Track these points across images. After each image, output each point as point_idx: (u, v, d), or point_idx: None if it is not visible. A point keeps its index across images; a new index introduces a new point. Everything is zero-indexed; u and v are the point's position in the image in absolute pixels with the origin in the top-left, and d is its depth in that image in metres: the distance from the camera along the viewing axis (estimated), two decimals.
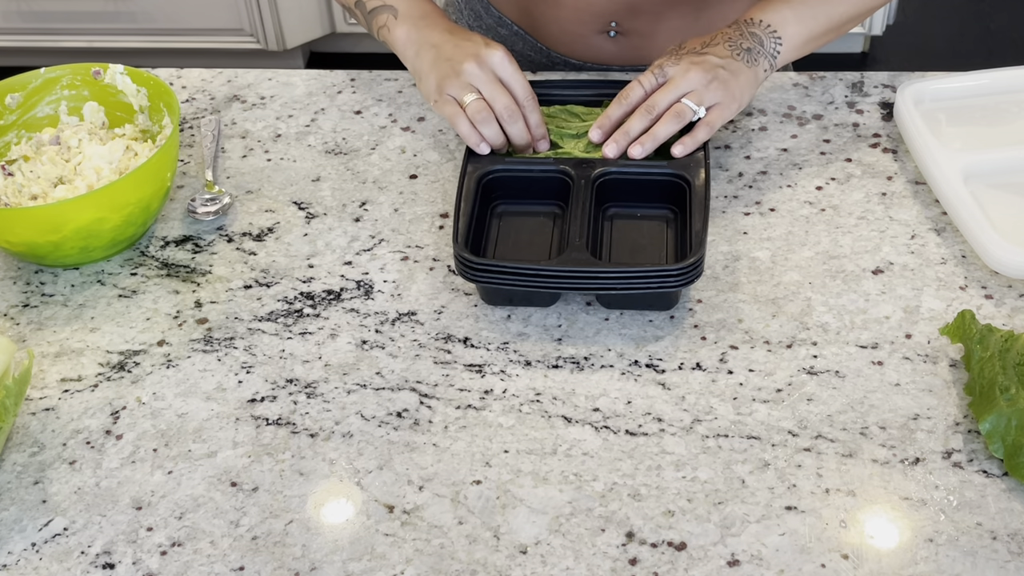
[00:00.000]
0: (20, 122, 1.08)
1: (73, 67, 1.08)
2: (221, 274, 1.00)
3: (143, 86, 1.07)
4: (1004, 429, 0.80)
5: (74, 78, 1.08)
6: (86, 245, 0.96)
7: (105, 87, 1.08)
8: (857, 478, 0.80)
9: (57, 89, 1.08)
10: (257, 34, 2.72)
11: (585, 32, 1.19)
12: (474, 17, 1.25)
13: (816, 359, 0.89)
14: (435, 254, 1.00)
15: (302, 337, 0.93)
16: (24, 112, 1.08)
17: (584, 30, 1.18)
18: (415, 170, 1.09)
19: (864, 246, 0.98)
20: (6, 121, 1.07)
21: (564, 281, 0.90)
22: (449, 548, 0.77)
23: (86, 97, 1.09)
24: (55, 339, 0.94)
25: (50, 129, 1.07)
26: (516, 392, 0.88)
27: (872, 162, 1.07)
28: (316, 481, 0.82)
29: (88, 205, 0.93)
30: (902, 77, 1.17)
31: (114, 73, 1.08)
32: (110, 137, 1.06)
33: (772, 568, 0.75)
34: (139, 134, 1.07)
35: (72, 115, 1.09)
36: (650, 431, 0.84)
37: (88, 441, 0.86)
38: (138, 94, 1.07)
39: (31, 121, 1.08)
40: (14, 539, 0.80)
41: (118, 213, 0.95)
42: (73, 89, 1.09)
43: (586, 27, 1.18)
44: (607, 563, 0.76)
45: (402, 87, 1.20)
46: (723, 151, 1.09)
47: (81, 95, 1.09)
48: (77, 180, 1.00)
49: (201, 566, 0.77)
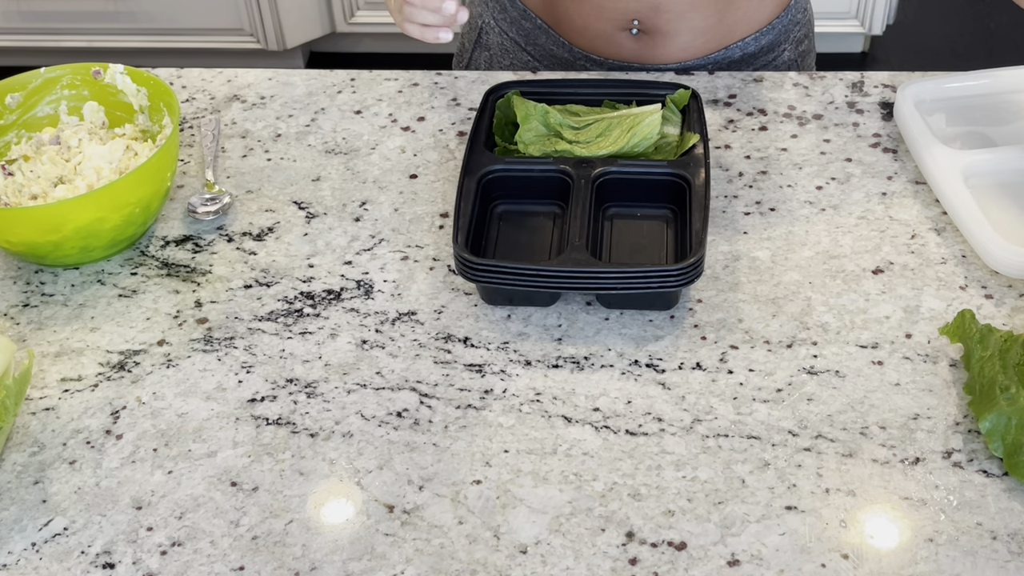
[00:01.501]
0: (20, 122, 1.08)
1: (73, 67, 1.08)
2: (221, 274, 1.00)
3: (143, 86, 1.07)
4: (1004, 428, 0.80)
5: (74, 78, 1.08)
6: (86, 245, 0.96)
7: (105, 87, 1.08)
8: (857, 478, 0.80)
9: (57, 89, 1.08)
10: (257, 34, 2.72)
11: (607, 29, 1.19)
12: (499, 9, 1.26)
13: (816, 359, 0.89)
14: (435, 254, 1.00)
15: (302, 337, 0.93)
16: (24, 112, 1.08)
17: (607, 27, 1.19)
18: (415, 170, 1.09)
19: (864, 246, 0.98)
20: (6, 121, 1.07)
21: (564, 281, 0.90)
22: (449, 548, 0.77)
23: (86, 97, 1.09)
24: (55, 339, 0.94)
25: (50, 129, 1.07)
26: (516, 392, 0.88)
27: (872, 162, 1.07)
28: (316, 481, 0.82)
29: (88, 205, 0.93)
30: (902, 77, 1.17)
31: (114, 73, 1.08)
32: (110, 137, 1.06)
33: (772, 568, 0.75)
34: (139, 134, 1.07)
35: (72, 115, 1.09)
36: (650, 431, 0.84)
37: (88, 441, 0.86)
38: (138, 94, 1.07)
39: (31, 121, 1.08)
40: (14, 539, 0.80)
41: (118, 213, 0.95)
42: (73, 89, 1.09)
43: (608, 24, 1.19)
44: (607, 563, 0.76)
45: (402, 87, 1.20)
46: (723, 151, 1.09)
47: (81, 95, 1.09)
48: (77, 180, 1.00)
49: (201, 566, 0.77)
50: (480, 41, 1.29)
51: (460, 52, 1.35)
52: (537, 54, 1.25)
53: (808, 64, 1.29)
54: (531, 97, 1.07)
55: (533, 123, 1.03)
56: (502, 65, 1.28)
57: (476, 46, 1.30)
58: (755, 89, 1.16)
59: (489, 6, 1.28)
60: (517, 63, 1.27)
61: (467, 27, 1.33)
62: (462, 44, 1.35)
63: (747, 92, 1.16)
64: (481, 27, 1.29)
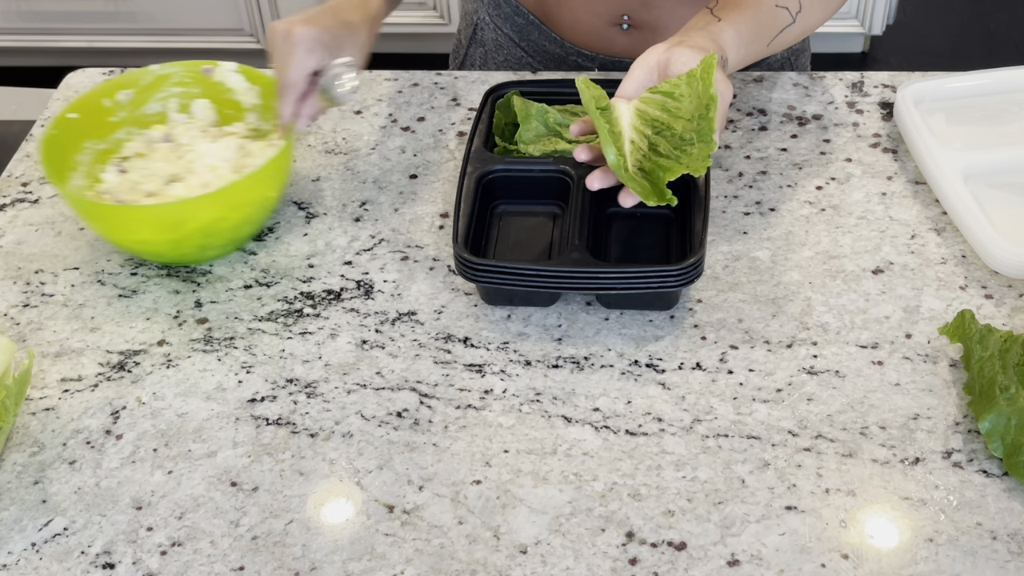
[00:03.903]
0: (130, 118, 1.07)
1: (184, 64, 1.08)
2: (221, 274, 1.00)
3: (256, 84, 1.06)
4: (1004, 428, 0.80)
5: (185, 75, 1.07)
6: (204, 243, 0.96)
7: (215, 84, 1.07)
8: (857, 478, 0.80)
9: (167, 86, 1.07)
10: (257, 34, 2.72)
11: (598, 24, 1.19)
12: (494, 6, 1.26)
13: (816, 359, 0.89)
14: (435, 254, 1.00)
15: (302, 337, 0.93)
16: (134, 108, 1.07)
17: (597, 22, 1.19)
18: (415, 170, 1.09)
19: (864, 246, 0.98)
20: (117, 118, 1.06)
21: (564, 281, 0.90)
22: (449, 548, 0.77)
23: (196, 94, 1.08)
24: (55, 339, 0.94)
25: (160, 126, 1.07)
26: (516, 392, 0.88)
27: (872, 162, 1.07)
28: (316, 481, 0.82)
29: (210, 204, 0.92)
30: (902, 77, 1.17)
31: (225, 71, 1.07)
32: (220, 135, 1.05)
33: (772, 568, 0.75)
34: (250, 132, 1.06)
35: (181, 112, 1.08)
36: (650, 431, 0.84)
37: (88, 441, 0.86)
38: (249, 92, 1.06)
39: (140, 118, 1.07)
40: (14, 539, 0.80)
41: (237, 212, 0.95)
42: (183, 86, 1.08)
43: (599, 19, 1.19)
44: (607, 563, 0.76)
45: (402, 87, 1.20)
46: (723, 151, 1.09)
47: (191, 92, 1.08)
48: (191, 178, 0.99)
49: (201, 566, 0.77)
50: (475, 37, 1.30)
51: (456, 49, 1.35)
52: (530, 50, 1.25)
53: (802, 64, 1.29)
54: (531, 97, 1.07)
55: (533, 123, 1.03)
56: (496, 61, 1.28)
57: (471, 42, 1.31)
58: (755, 89, 1.16)
59: (484, 3, 1.28)
60: (511, 59, 1.27)
61: (463, 23, 1.33)
62: (458, 41, 1.35)
63: (747, 92, 1.16)
64: (476, 23, 1.29)
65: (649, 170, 0.91)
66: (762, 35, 1.01)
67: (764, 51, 1.02)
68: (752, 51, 1.01)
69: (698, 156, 0.89)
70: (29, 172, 1.12)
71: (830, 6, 1.07)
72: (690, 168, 0.88)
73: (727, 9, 0.99)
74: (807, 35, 1.07)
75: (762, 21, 1.00)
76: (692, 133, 0.90)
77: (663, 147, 0.91)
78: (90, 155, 1.03)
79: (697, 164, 0.88)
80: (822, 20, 1.07)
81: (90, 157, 1.03)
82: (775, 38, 1.02)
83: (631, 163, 0.91)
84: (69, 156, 1.01)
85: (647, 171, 0.91)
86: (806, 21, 1.04)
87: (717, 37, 0.96)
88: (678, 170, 0.89)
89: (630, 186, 0.89)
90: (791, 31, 1.03)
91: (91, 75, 1.24)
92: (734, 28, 0.98)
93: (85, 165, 1.03)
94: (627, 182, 0.89)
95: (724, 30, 0.97)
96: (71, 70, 1.26)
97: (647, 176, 0.91)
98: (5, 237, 1.04)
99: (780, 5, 1.02)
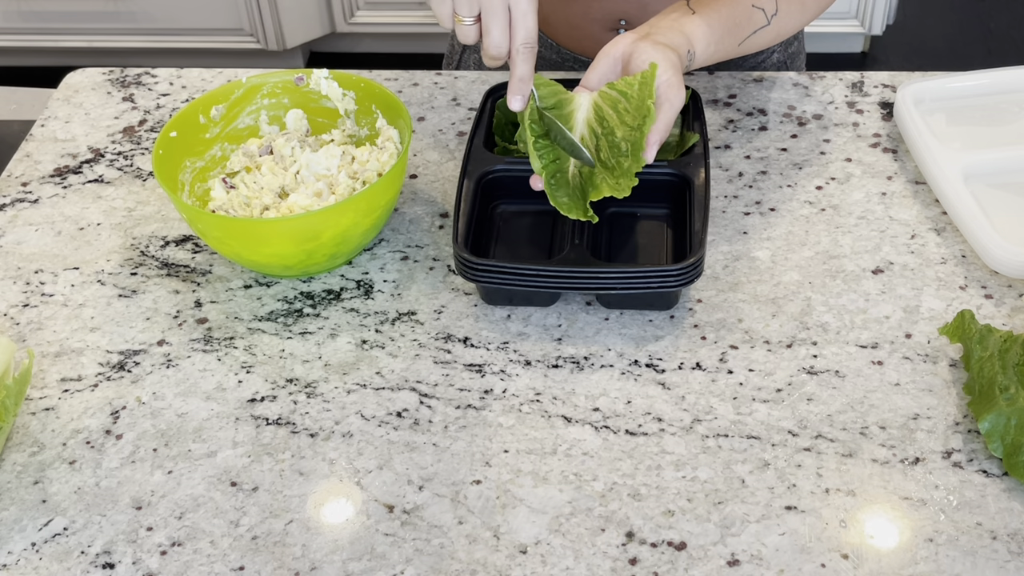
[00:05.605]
0: (223, 134, 1.06)
1: (275, 74, 1.07)
2: (221, 274, 1.00)
3: (351, 89, 1.05)
4: (1003, 428, 0.80)
5: (275, 86, 1.06)
6: (336, 252, 0.95)
7: (306, 93, 1.07)
8: (857, 478, 0.80)
9: (257, 98, 1.06)
10: (257, 34, 2.72)
11: (595, 30, 1.19)
12: None
13: (816, 359, 0.89)
14: (435, 254, 1.00)
15: (302, 337, 0.93)
16: (227, 124, 1.06)
17: (594, 27, 1.19)
18: (415, 170, 1.09)
19: (864, 246, 0.98)
20: (211, 134, 1.05)
21: (564, 281, 0.90)
22: (449, 548, 0.77)
23: (286, 105, 1.07)
24: (55, 339, 0.94)
25: (254, 140, 1.05)
26: (516, 392, 0.88)
27: (872, 162, 1.07)
28: (316, 481, 0.82)
29: (346, 211, 0.92)
30: (902, 77, 1.17)
31: (318, 79, 1.06)
32: (319, 144, 1.05)
33: (772, 568, 0.75)
34: (346, 139, 1.06)
35: (272, 124, 1.07)
36: (650, 431, 0.84)
37: (88, 441, 0.86)
38: (344, 98, 1.06)
39: (233, 133, 1.06)
40: (14, 539, 0.80)
41: (368, 217, 0.94)
42: (273, 98, 1.07)
43: (596, 24, 1.19)
44: (607, 563, 0.76)
45: (402, 87, 1.20)
46: (723, 151, 1.09)
47: (281, 103, 1.07)
48: (301, 188, 0.99)
49: (201, 566, 0.77)
50: None
51: (450, 53, 1.35)
52: None
53: (798, 65, 1.29)
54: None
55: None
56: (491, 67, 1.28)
57: (466, 47, 1.30)
58: (755, 89, 1.16)
59: None
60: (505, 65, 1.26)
61: None
62: (452, 45, 1.35)
63: (747, 92, 1.16)
64: None
65: (576, 185, 0.93)
66: (735, 34, 1.01)
67: (735, 51, 1.02)
68: (722, 49, 1.00)
69: (625, 173, 0.90)
70: (29, 172, 1.12)
71: (807, 14, 1.06)
72: (614, 190, 0.89)
73: (703, 3, 0.99)
74: (780, 40, 1.06)
75: (737, 20, 1.00)
76: (628, 144, 0.90)
77: (604, 152, 0.92)
78: (190, 173, 1.02)
79: (623, 183, 0.89)
80: (797, 27, 1.07)
81: (191, 176, 1.02)
82: (747, 38, 1.02)
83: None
84: (175, 176, 1.00)
85: (576, 185, 0.93)
86: (780, 25, 1.04)
87: (688, 30, 0.96)
88: (604, 190, 0.90)
89: (551, 199, 0.91)
90: (765, 33, 1.03)
91: (91, 75, 1.24)
92: (707, 23, 0.98)
93: (187, 184, 1.02)
94: (549, 193, 0.91)
95: (696, 24, 0.97)
96: (71, 70, 1.26)
97: (579, 186, 0.93)
98: (5, 237, 1.04)
99: (757, 6, 1.01)
